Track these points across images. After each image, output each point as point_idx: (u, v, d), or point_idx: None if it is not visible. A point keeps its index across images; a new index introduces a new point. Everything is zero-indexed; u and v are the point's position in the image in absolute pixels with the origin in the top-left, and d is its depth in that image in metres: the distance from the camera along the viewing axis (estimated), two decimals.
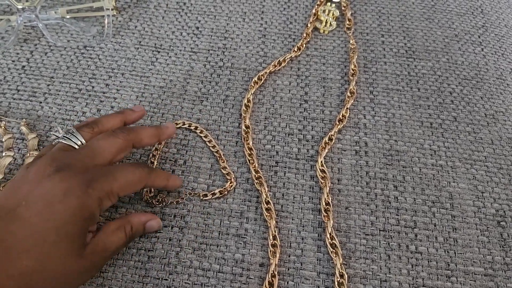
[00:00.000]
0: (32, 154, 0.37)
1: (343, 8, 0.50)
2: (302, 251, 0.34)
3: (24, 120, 0.39)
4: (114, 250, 0.30)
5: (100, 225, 0.31)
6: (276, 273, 0.32)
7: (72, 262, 0.27)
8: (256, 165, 0.37)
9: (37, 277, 0.26)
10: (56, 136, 0.32)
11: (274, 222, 0.34)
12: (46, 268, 0.26)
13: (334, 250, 0.33)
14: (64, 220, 0.27)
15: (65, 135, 0.31)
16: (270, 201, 0.35)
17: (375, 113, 0.42)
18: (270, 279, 0.32)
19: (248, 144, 0.39)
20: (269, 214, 0.35)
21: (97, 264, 0.29)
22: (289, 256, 0.33)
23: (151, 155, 0.37)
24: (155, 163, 0.37)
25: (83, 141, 0.31)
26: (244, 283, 0.32)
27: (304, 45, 0.47)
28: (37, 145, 0.38)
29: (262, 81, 0.43)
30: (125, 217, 0.31)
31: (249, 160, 0.38)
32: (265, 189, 0.36)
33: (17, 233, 0.26)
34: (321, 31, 0.48)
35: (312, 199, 0.36)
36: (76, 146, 0.31)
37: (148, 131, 0.34)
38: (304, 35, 0.47)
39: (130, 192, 0.31)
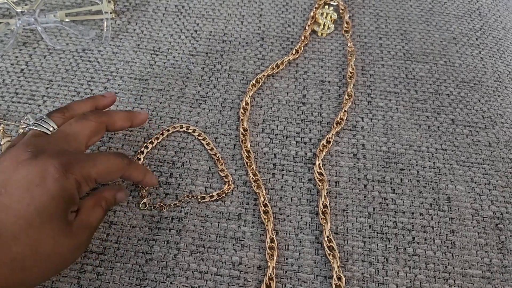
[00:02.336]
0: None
1: (341, 11, 0.51)
2: (299, 253, 0.34)
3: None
4: (96, 225, 0.30)
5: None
6: (273, 275, 0.32)
7: (61, 242, 0.27)
8: (254, 167, 0.37)
9: (29, 261, 0.26)
10: (27, 124, 0.31)
11: (271, 224, 0.34)
12: (37, 251, 0.26)
13: (331, 253, 0.33)
14: (44, 203, 0.27)
15: (36, 122, 0.31)
16: (267, 203, 0.35)
17: (372, 115, 0.42)
18: (267, 281, 0.32)
19: (246, 146, 0.39)
20: (266, 217, 0.35)
21: (84, 240, 0.29)
22: (286, 258, 0.33)
23: (139, 150, 0.38)
24: (142, 159, 0.37)
25: (55, 126, 0.31)
26: (242, 286, 0.32)
27: (302, 48, 0.47)
28: None
29: (260, 84, 0.44)
30: (98, 192, 0.32)
31: (247, 163, 0.38)
32: (262, 192, 0.36)
33: (1, 221, 0.26)
34: (319, 34, 0.49)
35: (310, 201, 0.36)
36: (48, 132, 0.31)
37: (120, 114, 0.35)
38: (302, 38, 0.47)
39: (108, 180, 0.32)
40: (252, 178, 0.37)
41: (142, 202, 0.35)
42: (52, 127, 0.31)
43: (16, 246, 0.25)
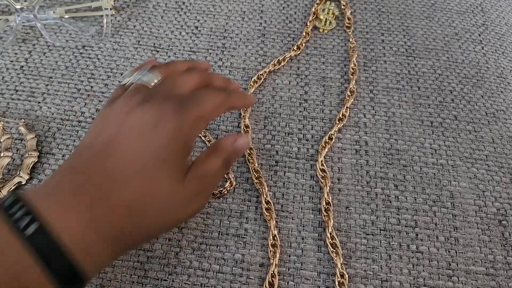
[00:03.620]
0: (31, 154, 0.37)
1: (342, 6, 0.50)
2: (302, 251, 0.33)
3: (23, 120, 0.39)
4: (213, 176, 0.29)
5: None
6: (276, 273, 0.32)
7: (174, 188, 0.26)
8: (256, 164, 0.37)
9: (141, 205, 0.25)
10: (134, 75, 0.30)
11: (274, 222, 0.34)
12: (150, 195, 0.25)
13: (334, 250, 0.33)
14: (160, 146, 0.26)
15: (144, 74, 0.30)
16: (270, 200, 0.35)
17: (375, 112, 0.42)
18: (270, 279, 0.31)
19: None
20: (269, 214, 0.34)
21: (199, 193, 0.28)
22: (289, 256, 0.33)
23: None
24: None
25: (160, 78, 0.30)
26: (244, 283, 0.32)
27: (303, 44, 0.46)
28: (35, 146, 0.37)
29: (262, 80, 0.43)
30: (215, 143, 0.30)
31: (248, 160, 0.38)
32: (265, 189, 0.36)
33: (114, 167, 0.25)
34: (321, 30, 0.48)
35: (312, 198, 0.36)
36: (152, 84, 0.29)
37: (219, 78, 0.33)
38: (304, 34, 0.47)
39: (216, 116, 0.30)
40: (254, 175, 0.37)
41: None
42: (157, 78, 0.30)
43: (130, 189, 0.25)
